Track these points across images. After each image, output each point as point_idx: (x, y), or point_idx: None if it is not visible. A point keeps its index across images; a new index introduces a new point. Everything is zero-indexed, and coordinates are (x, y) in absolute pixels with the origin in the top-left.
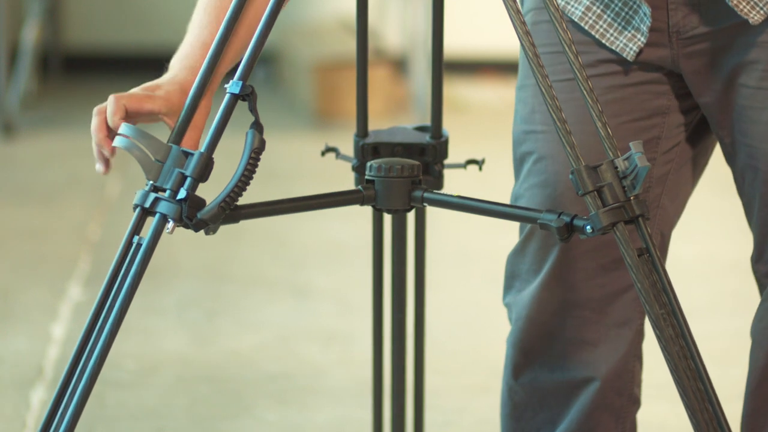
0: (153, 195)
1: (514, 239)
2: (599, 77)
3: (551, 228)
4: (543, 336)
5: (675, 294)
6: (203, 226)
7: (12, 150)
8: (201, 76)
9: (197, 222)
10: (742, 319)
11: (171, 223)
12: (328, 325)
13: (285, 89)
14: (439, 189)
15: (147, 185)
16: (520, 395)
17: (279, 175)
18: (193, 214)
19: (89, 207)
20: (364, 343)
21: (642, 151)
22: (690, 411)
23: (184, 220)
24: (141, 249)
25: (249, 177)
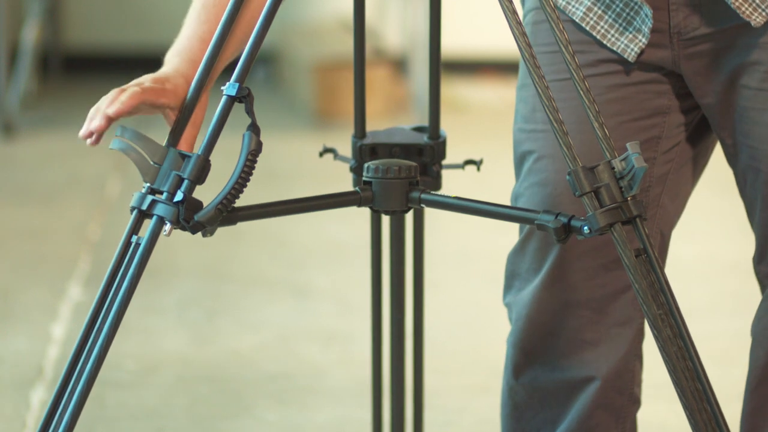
0: (150, 197)
1: (514, 239)
2: (600, 76)
3: (548, 229)
4: (543, 336)
5: (673, 294)
6: (200, 228)
7: (12, 150)
8: (198, 77)
9: (194, 224)
10: (742, 320)
11: (168, 226)
12: (328, 325)
13: (285, 89)
14: (438, 189)
15: (144, 188)
16: (520, 395)
17: (279, 175)
18: (190, 216)
19: (89, 207)
20: (363, 343)
21: (639, 152)
22: (688, 411)
23: (181, 222)
24: (139, 250)
25: (246, 179)
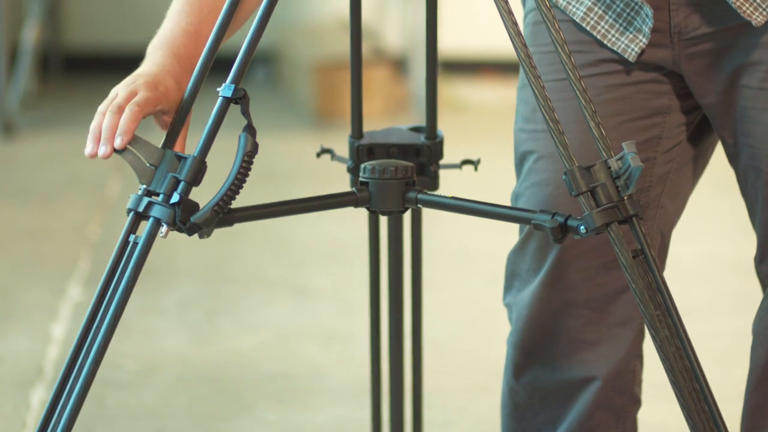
0: (146, 199)
1: (514, 239)
2: (600, 76)
3: (545, 228)
4: (544, 336)
5: (670, 294)
6: (197, 229)
7: (12, 150)
8: (194, 80)
9: (191, 226)
10: (742, 319)
11: (164, 227)
12: (328, 325)
13: (285, 89)
14: (435, 190)
15: (140, 189)
16: (521, 395)
17: (278, 175)
18: (187, 218)
19: (89, 207)
20: (363, 343)
21: (635, 151)
22: (686, 412)
23: (177, 224)
24: (136, 251)
25: (242, 180)
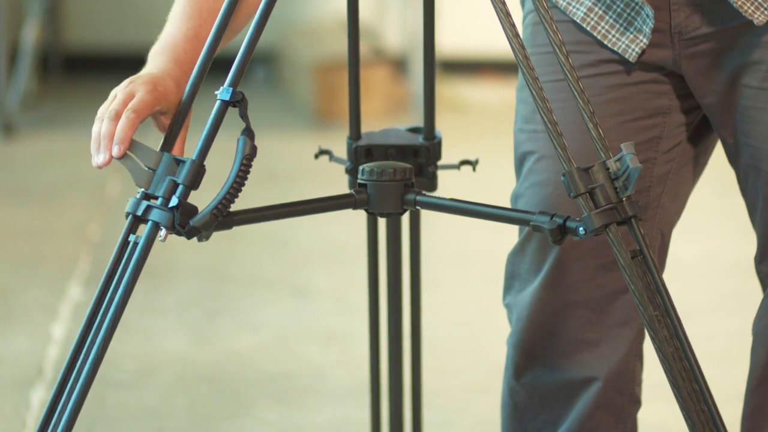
0: (145, 203)
1: (513, 239)
2: (601, 76)
3: (544, 230)
4: (544, 336)
5: (669, 295)
6: (196, 233)
7: (12, 150)
8: (193, 81)
9: (190, 229)
10: (742, 319)
11: (163, 231)
12: (328, 325)
13: (285, 89)
14: (433, 190)
15: (138, 193)
16: (521, 396)
17: (278, 175)
18: (186, 221)
19: (89, 207)
20: (363, 343)
21: (633, 152)
22: (686, 412)
23: (176, 227)
24: (135, 254)
25: (241, 184)
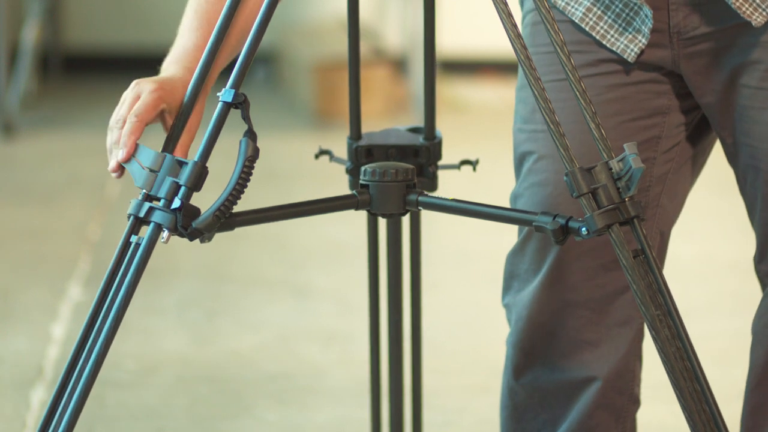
0: (147, 204)
1: (512, 239)
2: (600, 76)
3: (546, 230)
4: (543, 336)
5: (671, 295)
6: (198, 235)
7: (12, 150)
8: (194, 83)
9: (192, 231)
10: (741, 319)
11: (166, 233)
12: (328, 325)
13: (285, 89)
14: (434, 190)
15: (141, 194)
16: (521, 396)
17: (279, 175)
18: (188, 223)
19: (89, 207)
20: (363, 343)
21: (636, 152)
22: (687, 412)
23: (178, 229)
24: (137, 255)
25: (243, 185)
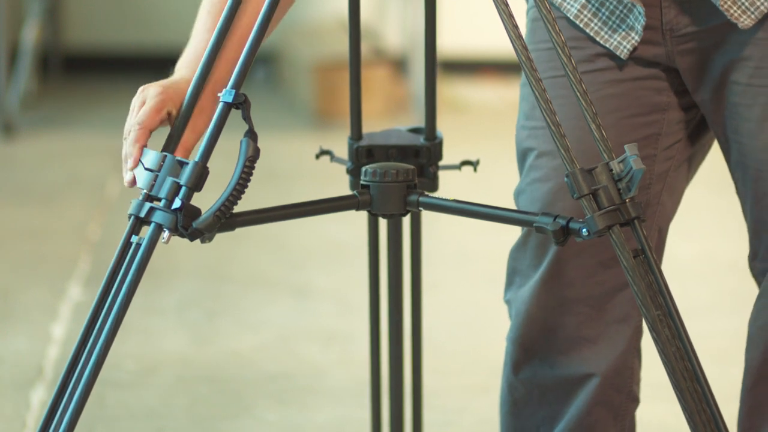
0: (148, 204)
1: (511, 239)
2: (597, 72)
3: (547, 231)
4: (542, 332)
5: (671, 295)
6: (199, 235)
7: (12, 150)
8: (194, 84)
9: (193, 231)
10: (740, 318)
11: (166, 233)
12: (328, 325)
13: (285, 89)
14: (434, 191)
15: (141, 194)
16: (520, 391)
17: (279, 175)
18: (189, 223)
19: (89, 207)
20: (363, 343)
21: (637, 154)
22: (687, 413)
23: (179, 229)
24: (137, 255)
25: (244, 185)
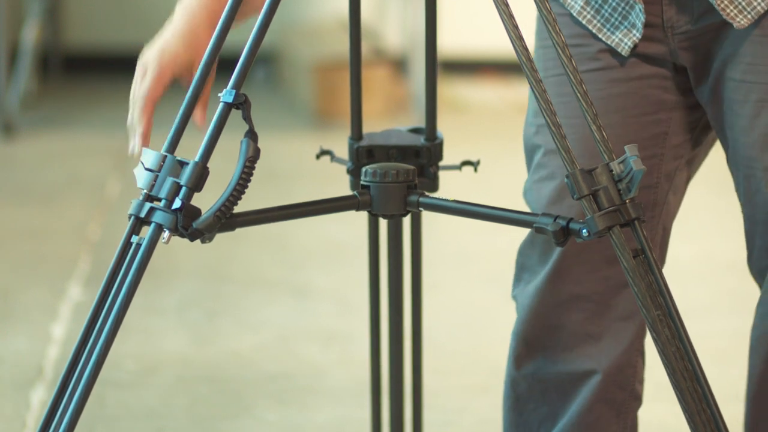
0: (148, 205)
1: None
2: (603, 71)
3: (547, 232)
4: (545, 327)
5: (671, 296)
6: (199, 235)
7: (12, 150)
8: (194, 85)
9: (193, 231)
10: (739, 319)
11: (167, 233)
12: (328, 325)
13: (285, 89)
14: (435, 191)
15: (141, 194)
16: (522, 387)
17: (279, 175)
18: (189, 223)
19: (89, 207)
20: (363, 343)
21: (637, 154)
22: (688, 414)
23: (179, 229)
24: (138, 255)
25: (244, 186)
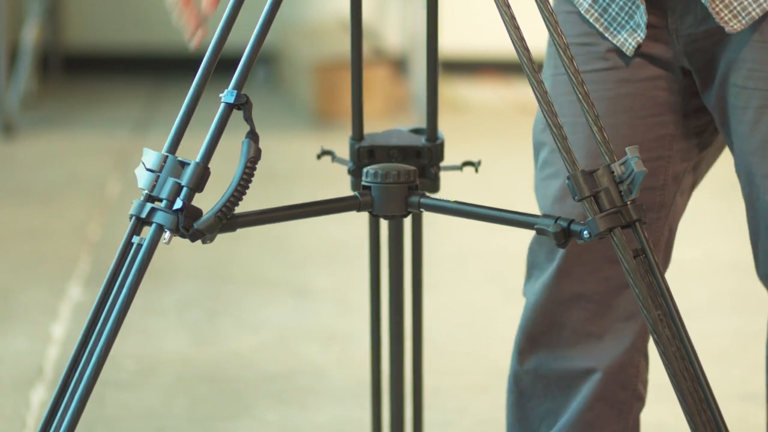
0: (149, 205)
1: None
2: (611, 71)
3: (548, 233)
4: (549, 324)
5: (672, 296)
6: (200, 236)
7: (12, 150)
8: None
9: (194, 232)
10: (741, 319)
11: (168, 234)
12: (328, 325)
13: (285, 89)
14: (436, 191)
15: (142, 195)
16: (525, 382)
17: (279, 176)
18: (190, 224)
19: (89, 207)
20: (363, 343)
21: (638, 156)
22: (688, 414)
23: (180, 230)
24: (138, 256)
25: (245, 186)
